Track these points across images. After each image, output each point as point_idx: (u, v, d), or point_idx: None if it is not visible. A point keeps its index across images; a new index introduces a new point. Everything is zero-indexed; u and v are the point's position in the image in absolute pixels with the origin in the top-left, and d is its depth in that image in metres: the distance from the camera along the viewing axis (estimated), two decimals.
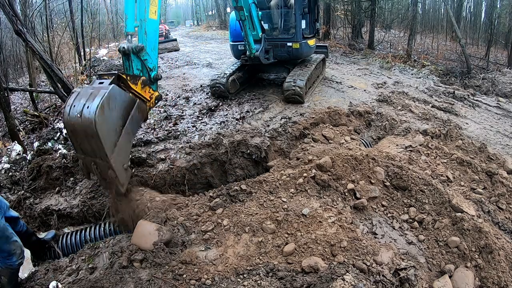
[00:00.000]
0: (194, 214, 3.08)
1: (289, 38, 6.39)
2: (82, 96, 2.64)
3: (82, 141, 2.73)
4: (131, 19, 3.15)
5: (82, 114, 2.56)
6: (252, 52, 6.03)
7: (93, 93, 2.62)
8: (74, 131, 2.70)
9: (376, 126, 5.58)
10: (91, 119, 2.51)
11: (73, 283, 2.51)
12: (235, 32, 6.56)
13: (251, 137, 4.66)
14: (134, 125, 2.97)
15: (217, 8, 30.69)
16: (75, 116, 2.60)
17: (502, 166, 4.24)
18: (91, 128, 2.53)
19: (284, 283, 2.28)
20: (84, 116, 2.55)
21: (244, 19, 5.63)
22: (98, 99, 2.56)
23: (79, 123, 2.60)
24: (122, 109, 2.79)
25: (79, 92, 2.73)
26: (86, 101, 2.59)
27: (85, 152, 2.82)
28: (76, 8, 10.64)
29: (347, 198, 3.20)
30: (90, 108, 2.54)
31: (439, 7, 21.88)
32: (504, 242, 2.80)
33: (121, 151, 2.77)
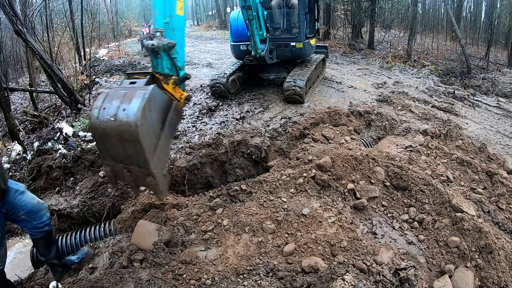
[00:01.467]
0: (194, 214, 3.08)
1: (293, 38, 6.42)
2: (114, 98, 2.42)
3: (114, 147, 2.48)
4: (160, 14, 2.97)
5: (117, 117, 2.32)
6: (258, 52, 6.01)
7: (128, 94, 2.41)
8: (104, 135, 2.45)
9: (376, 126, 5.58)
10: (131, 122, 2.28)
11: (73, 283, 2.51)
12: (237, 32, 6.52)
13: (251, 137, 4.66)
14: (172, 128, 2.78)
15: (217, 8, 30.69)
16: (107, 120, 2.36)
17: (502, 166, 4.24)
18: (130, 132, 2.30)
19: (284, 283, 2.28)
20: (121, 119, 2.31)
21: (252, 18, 5.60)
22: (138, 100, 2.34)
23: (112, 126, 2.36)
24: (161, 111, 2.58)
25: (108, 93, 2.49)
26: (121, 103, 2.36)
27: (116, 158, 2.56)
28: (76, 8, 10.65)
29: (347, 198, 3.20)
30: (128, 110, 2.31)
31: (439, 7, 21.87)
32: (504, 242, 2.80)
33: (160, 156, 2.57)
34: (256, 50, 6.00)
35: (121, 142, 2.41)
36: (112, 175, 2.72)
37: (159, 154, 2.55)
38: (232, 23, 6.70)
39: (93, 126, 2.52)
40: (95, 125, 2.46)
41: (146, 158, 2.42)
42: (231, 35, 6.78)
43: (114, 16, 26.98)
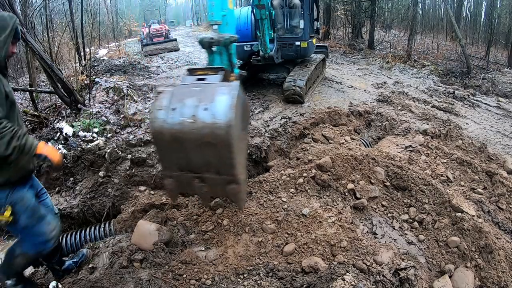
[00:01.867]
0: (194, 214, 3.08)
1: (298, 37, 6.44)
2: (185, 97, 2.13)
3: (187, 153, 2.15)
4: (218, 6, 2.77)
5: (197, 118, 2.02)
6: (267, 51, 5.99)
7: (207, 92, 2.13)
8: (175, 140, 2.11)
9: (376, 126, 5.58)
10: (221, 123, 1.98)
11: (73, 283, 2.51)
12: (240, 33, 6.43)
13: (251, 137, 4.66)
14: (246, 127, 2.51)
15: None
16: (181, 122, 2.05)
17: (502, 166, 4.24)
18: (218, 134, 2.00)
19: (284, 283, 2.28)
20: (203, 120, 2.01)
21: (264, 17, 5.56)
22: (225, 98, 2.05)
23: (190, 129, 2.04)
24: (242, 109, 2.27)
25: (172, 92, 2.18)
26: (200, 102, 2.07)
27: (186, 167, 2.25)
28: (76, 8, 10.64)
29: (347, 198, 3.20)
30: (214, 109, 2.02)
31: (439, 7, 21.88)
32: (504, 242, 2.80)
33: (241, 160, 2.29)
34: (266, 50, 5.97)
35: (200, 147, 2.09)
36: (175, 187, 2.39)
37: (241, 158, 2.27)
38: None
39: (157, 131, 2.13)
40: (162, 129, 2.10)
41: (232, 163, 2.12)
42: None
43: (114, 16, 26.97)
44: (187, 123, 2.04)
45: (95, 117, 5.72)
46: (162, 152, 2.29)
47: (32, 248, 2.18)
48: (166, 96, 2.15)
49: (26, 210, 2.03)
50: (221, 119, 1.99)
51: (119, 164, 4.10)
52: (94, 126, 5.25)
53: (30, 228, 2.08)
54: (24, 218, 2.03)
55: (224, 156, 2.10)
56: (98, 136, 4.99)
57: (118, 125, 5.44)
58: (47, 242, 2.18)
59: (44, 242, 2.17)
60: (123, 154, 4.21)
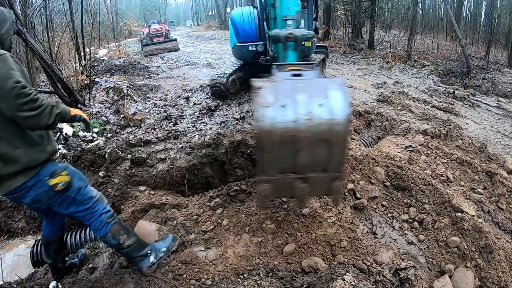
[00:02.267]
0: (194, 214, 3.08)
1: None
2: (293, 92, 2.02)
3: (296, 153, 2.05)
4: (295, 2, 2.62)
5: (313, 115, 1.94)
6: None
7: (316, 87, 2.05)
8: (288, 139, 1.99)
9: (376, 126, 5.58)
10: (340, 119, 1.93)
11: (73, 283, 2.51)
12: (244, 33, 6.36)
13: (251, 137, 4.66)
14: None
15: (217, 8, 30.69)
16: (296, 119, 1.95)
17: (502, 166, 4.24)
18: (336, 131, 1.95)
19: (284, 283, 2.28)
20: (321, 117, 1.94)
21: None
22: (338, 93, 1.99)
23: (307, 127, 1.95)
24: None
25: (274, 87, 2.06)
26: (312, 98, 1.99)
27: (291, 168, 2.15)
28: (76, 8, 10.64)
29: (347, 198, 3.19)
30: (330, 106, 1.95)
31: (439, 7, 21.88)
32: (504, 242, 2.80)
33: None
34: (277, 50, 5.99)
35: (312, 145, 2.01)
36: (271, 193, 2.26)
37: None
38: (237, 23, 6.49)
39: (267, 130, 1.97)
40: (273, 128, 1.95)
41: (343, 159, 2.10)
42: (237, 36, 6.53)
43: (114, 16, 26.97)
44: (303, 120, 1.94)
45: (95, 117, 5.73)
46: (266, 154, 2.09)
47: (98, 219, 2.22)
48: (269, 92, 2.02)
49: (75, 173, 2.14)
50: (340, 115, 1.94)
51: (119, 164, 4.11)
52: (94, 126, 5.26)
53: (83, 189, 2.15)
54: (76, 180, 2.11)
55: (336, 153, 2.05)
56: (98, 136, 4.99)
57: (118, 125, 5.44)
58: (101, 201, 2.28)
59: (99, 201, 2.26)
60: (123, 154, 4.21)
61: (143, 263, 2.40)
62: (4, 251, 3.54)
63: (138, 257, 2.39)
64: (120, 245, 2.29)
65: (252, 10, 6.49)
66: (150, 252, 2.44)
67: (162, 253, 2.50)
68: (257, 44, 6.31)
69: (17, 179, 1.91)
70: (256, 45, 6.30)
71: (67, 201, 2.10)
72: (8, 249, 3.58)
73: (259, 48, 6.30)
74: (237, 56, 6.88)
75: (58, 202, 2.08)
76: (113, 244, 2.30)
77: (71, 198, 2.10)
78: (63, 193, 2.04)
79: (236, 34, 6.54)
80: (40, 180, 1.95)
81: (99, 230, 2.23)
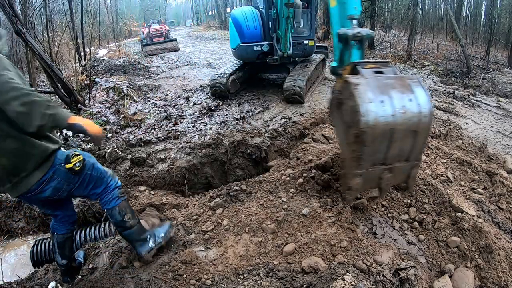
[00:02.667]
0: (194, 214, 3.08)
1: (306, 36, 6.52)
2: (387, 89, 2.22)
3: (389, 145, 2.24)
4: (359, 1, 2.73)
5: (407, 109, 2.16)
6: (287, 51, 6.00)
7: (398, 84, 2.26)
8: (386, 132, 2.19)
9: None
10: (427, 112, 2.20)
11: (73, 284, 2.51)
12: (249, 33, 6.31)
13: (251, 137, 4.66)
14: None
15: (217, 8, 30.70)
16: (394, 113, 2.15)
17: (502, 166, 4.24)
18: (424, 123, 2.21)
19: (284, 283, 2.28)
20: (412, 111, 2.17)
21: (291, 16, 5.56)
22: (421, 89, 2.25)
23: (403, 120, 2.16)
24: None
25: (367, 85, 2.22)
26: (403, 94, 2.20)
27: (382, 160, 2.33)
28: (76, 8, 10.65)
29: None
30: (417, 101, 2.19)
31: (439, 7, 21.88)
32: (504, 242, 2.79)
33: None
34: (286, 49, 5.99)
35: (403, 137, 2.23)
36: (361, 186, 2.45)
37: None
38: (241, 23, 6.39)
39: (371, 124, 2.13)
40: (376, 122, 2.12)
41: (423, 148, 2.40)
42: (241, 36, 6.41)
43: (114, 16, 26.98)
44: (399, 114, 2.14)
45: (95, 117, 5.73)
46: (366, 148, 2.24)
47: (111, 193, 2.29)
48: (367, 89, 2.18)
49: (84, 153, 2.22)
50: (426, 109, 2.19)
51: (119, 164, 4.11)
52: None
53: (96, 165, 2.24)
54: (88, 158, 2.20)
55: (420, 142, 2.30)
56: None
57: (118, 125, 5.44)
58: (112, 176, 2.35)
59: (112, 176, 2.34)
60: (123, 154, 4.21)
61: (143, 248, 2.44)
62: (5, 251, 3.54)
63: (138, 241, 2.43)
64: (124, 222, 2.34)
65: (254, 10, 6.47)
66: (149, 237, 2.48)
67: (160, 239, 2.54)
68: (262, 44, 6.30)
69: (35, 174, 1.94)
70: (261, 45, 6.28)
71: (86, 180, 2.17)
72: (9, 249, 3.58)
73: (264, 48, 6.29)
74: (240, 57, 6.78)
75: (78, 184, 2.14)
76: (118, 220, 2.33)
77: (88, 175, 2.17)
78: (80, 173, 2.10)
79: (240, 34, 6.43)
80: (57, 170, 2.01)
81: (109, 202, 2.28)
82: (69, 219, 2.47)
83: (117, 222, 2.35)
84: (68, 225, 2.47)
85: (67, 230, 2.47)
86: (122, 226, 2.37)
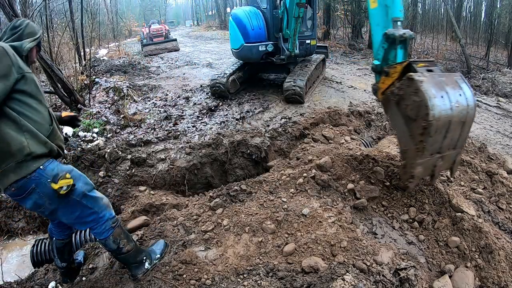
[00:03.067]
0: (194, 214, 3.08)
1: (308, 35, 6.62)
2: (442, 85, 2.53)
3: (445, 135, 2.57)
4: (402, 3, 2.92)
5: (459, 103, 2.50)
6: (295, 50, 6.06)
7: (451, 81, 2.59)
8: (445, 124, 2.52)
9: (376, 126, 5.58)
10: (473, 105, 2.57)
11: (73, 284, 2.51)
12: (254, 32, 6.25)
13: (251, 137, 4.66)
14: None
15: (217, 8, 30.70)
16: (451, 107, 2.48)
17: (502, 166, 4.24)
18: (471, 115, 2.59)
19: (284, 283, 2.28)
20: (463, 104, 2.53)
21: (302, 16, 5.56)
22: (466, 85, 2.61)
23: (458, 113, 2.51)
24: None
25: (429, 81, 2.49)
26: (454, 90, 2.54)
27: (438, 149, 2.65)
28: (76, 8, 10.64)
29: (347, 198, 3.19)
30: (465, 95, 2.55)
31: (439, 7, 21.88)
32: (504, 242, 2.80)
33: None
34: (294, 49, 6.04)
35: (455, 128, 2.57)
36: (421, 174, 2.76)
37: None
38: (245, 23, 6.29)
39: (437, 117, 2.44)
40: (440, 115, 2.43)
41: (466, 137, 2.71)
42: (245, 36, 6.30)
43: (114, 16, 26.98)
44: (455, 107, 2.47)
45: (95, 117, 5.73)
46: (430, 139, 2.53)
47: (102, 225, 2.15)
48: (430, 85, 2.46)
49: (80, 176, 2.06)
50: (472, 102, 2.56)
51: (119, 164, 4.11)
52: (94, 126, 5.26)
53: (89, 193, 2.07)
54: (81, 184, 2.03)
55: (465, 132, 2.67)
56: (98, 136, 4.99)
57: (118, 125, 5.44)
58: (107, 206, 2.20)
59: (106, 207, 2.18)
60: (123, 154, 4.21)
61: (139, 270, 2.37)
62: (5, 251, 3.54)
63: (134, 263, 2.36)
64: (120, 250, 2.25)
65: (257, 10, 6.45)
66: (145, 259, 2.42)
67: (156, 260, 2.49)
68: (267, 44, 6.28)
69: (9, 176, 1.81)
70: (266, 45, 6.26)
71: (72, 205, 2.02)
72: (9, 249, 3.58)
73: (269, 48, 6.27)
74: (244, 57, 6.65)
75: (62, 207, 2.00)
76: (112, 249, 2.25)
77: (76, 202, 2.02)
78: (67, 196, 1.95)
79: (244, 34, 6.32)
80: (40, 183, 1.86)
81: (101, 234, 2.18)
82: (67, 224, 2.34)
83: (112, 250, 2.27)
84: (66, 230, 2.40)
85: (65, 236, 2.41)
86: (118, 253, 2.28)
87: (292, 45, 5.99)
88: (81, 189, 2.02)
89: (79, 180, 2.03)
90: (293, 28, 5.68)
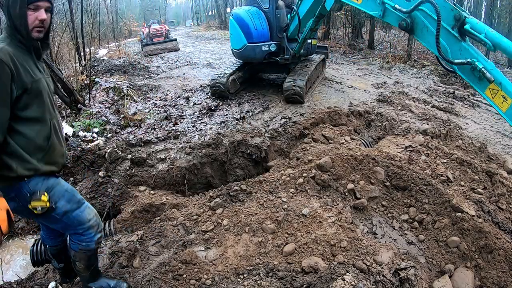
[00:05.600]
0: (194, 214, 3.08)
1: None
2: None
3: None
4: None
5: None
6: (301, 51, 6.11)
7: None
8: None
9: (376, 126, 5.58)
10: None
11: (73, 284, 2.50)
12: (257, 32, 6.24)
13: (251, 137, 4.66)
14: None
15: (217, 8, 30.69)
16: None
17: (502, 166, 4.24)
18: None
19: (284, 283, 2.28)
20: None
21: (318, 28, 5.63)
22: None
23: None
24: None
25: None
26: None
27: None
28: (76, 8, 10.63)
29: (347, 198, 3.20)
30: None
31: None
32: (504, 242, 2.79)
33: None
34: (300, 49, 6.06)
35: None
36: None
37: None
38: (247, 23, 6.25)
39: None
40: None
41: None
42: (248, 36, 6.26)
43: (114, 16, 26.99)
44: None
45: (95, 117, 5.73)
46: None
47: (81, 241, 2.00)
48: None
49: (64, 194, 1.89)
50: None
51: (119, 164, 4.11)
52: (94, 126, 5.26)
53: (71, 213, 1.90)
54: (63, 203, 1.87)
55: None
56: (98, 136, 4.99)
57: (118, 125, 5.44)
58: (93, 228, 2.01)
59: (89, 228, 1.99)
60: (123, 154, 4.21)
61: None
62: (5, 251, 3.54)
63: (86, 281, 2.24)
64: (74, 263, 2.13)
65: (258, 10, 6.43)
66: None
67: None
68: (270, 44, 6.28)
69: None
70: (269, 45, 6.25)
71: (53, 220, 1.89)
72: (9, 249, 3.58)
73: (272, 47, 6.27)
74: (247, 57, 6.59)
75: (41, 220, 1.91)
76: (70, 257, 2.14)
77: (55, 219, 1.88)
78: (44, 214, 1.81)
79: (247, 34, 6.27)
80: (20, 194, 1.74)
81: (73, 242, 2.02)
82: (58, 232, 2.22)
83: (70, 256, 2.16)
84: (59, 238, 2.29)
85: (58, 242, 2.31)
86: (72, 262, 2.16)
87: (299, 48, 6.04)
88: (62, 209, 1.86)
89: (62, 199, 1.87)
90: (306, 31, 5.73)
